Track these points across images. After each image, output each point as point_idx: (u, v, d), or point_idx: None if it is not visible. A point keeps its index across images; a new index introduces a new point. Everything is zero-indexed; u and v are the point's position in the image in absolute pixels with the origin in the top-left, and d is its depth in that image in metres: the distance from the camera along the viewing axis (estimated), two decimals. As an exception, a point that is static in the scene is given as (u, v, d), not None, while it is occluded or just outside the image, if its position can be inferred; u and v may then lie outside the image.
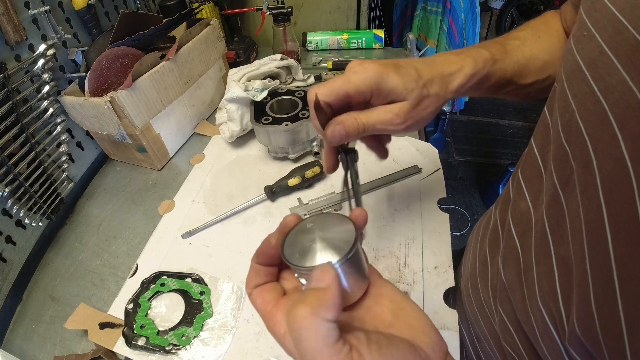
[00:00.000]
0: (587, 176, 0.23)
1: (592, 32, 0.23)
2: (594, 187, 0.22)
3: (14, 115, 0.51)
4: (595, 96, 0.22)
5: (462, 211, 1.80)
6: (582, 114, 0.24)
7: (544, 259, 0.29)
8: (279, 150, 0.68)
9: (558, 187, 0.27)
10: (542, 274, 0.29)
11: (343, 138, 0.33)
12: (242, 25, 1.01)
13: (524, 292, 0.32)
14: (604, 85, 0.22)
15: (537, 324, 0.31)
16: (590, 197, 0.23)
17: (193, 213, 0.62)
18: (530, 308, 0.31)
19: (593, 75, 0.23)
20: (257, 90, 0.67)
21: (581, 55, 0.24)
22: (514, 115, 2.36)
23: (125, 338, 0.46)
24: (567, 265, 0.26)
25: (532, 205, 0.33)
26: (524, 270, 0.32)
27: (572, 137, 0.25)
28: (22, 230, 0.57)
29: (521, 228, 0.34)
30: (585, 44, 0.24)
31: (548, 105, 0.31)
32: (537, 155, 0.32)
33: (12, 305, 0.53)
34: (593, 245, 0.23)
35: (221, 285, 0.51)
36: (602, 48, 0.22)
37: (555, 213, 0.28)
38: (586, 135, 0.23)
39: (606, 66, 0.21)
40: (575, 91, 0.25)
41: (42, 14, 0.57)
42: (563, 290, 0.27)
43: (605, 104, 0.21)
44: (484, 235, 0.44)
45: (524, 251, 0.33)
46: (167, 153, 0.73)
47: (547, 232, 0.29)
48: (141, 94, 0.62)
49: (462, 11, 1.34)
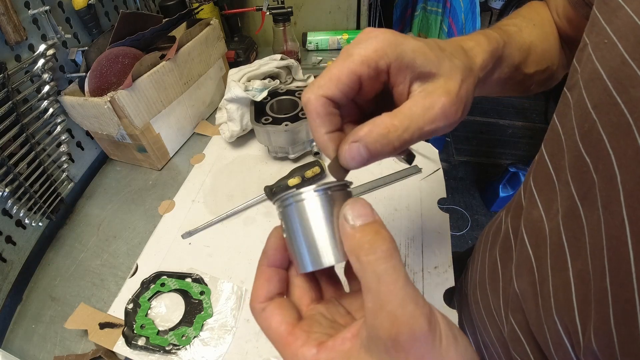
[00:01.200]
0: (611, 191, 0.22)
1: (613, 40, 0.22)
2: (617, 202, 0.21)
3: (14, 115, 0.51)
4: (619, 108, 0.21)
5: (462, 211, 1.80)
6: (605, 127, 0.23)
7: (559, 272, 0.28)
8: (279, 150, 0.68)
9: (577, 199, 0.26)
10: (558, 286, 0.28)
11: (366, 161, 0.22)
12: (242, 25, 1.01)
13: (539, 303, 0.31)
14: (628, 98, 0.21)
15: (551, 336, 0.30)
16: (613, 213, 0.22)
17: (193, 213, 0.62)
18: (545, 320, 0.30)
19: (616, 87, 0.22)
20: (257, 90, 0.67)
21: (601, 63, 0.23)
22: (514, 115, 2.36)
23: (125, 338, 0.46)
24: (584, 279, 0.25)
25: (545, 214, 0.31)
26: (539, 282, 0.31)
27: (593, 149, 0.24)
28: (22, 230, 0.57)
29: (534, 238, 0.33)
30: (606, 51, 0.23)
31: (559, 112, 0.30)
32: (548, 164, 0.31)
33: (12, 305, 0.53)
34: (614, 263, 0.22)
35: (221, 285, 0.51)
36: (624, 57, 0.21)
37: (573, 225, 0.26)
38: (610, 148, 0.22)
39: (629, 77, 0.20)
40: (595, 101, 0.24)
41: (42, 14, 0.57)
42: (579, 304, 0.26)
43: (630, 118, 0.20)
44: (494, 243, 0.43)
45: (539, 262, 0.32)
46: (167, 153, 0.73)
47: (564, 244, 0.27)
48: (141, 94, 0.62)
49: (462, 11, 1.33)
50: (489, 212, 1.78)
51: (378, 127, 0.21)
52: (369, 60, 0.21)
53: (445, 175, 0.62)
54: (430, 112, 0.21)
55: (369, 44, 0.22)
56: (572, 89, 0.28)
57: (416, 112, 0.21)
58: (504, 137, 2.23)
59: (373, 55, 0.21)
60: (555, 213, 0.29)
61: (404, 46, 0.22)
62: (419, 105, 0.22)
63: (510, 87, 0.36)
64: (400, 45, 0.22)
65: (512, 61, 0.32)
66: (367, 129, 0.21)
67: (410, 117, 0.21)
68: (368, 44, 0.22)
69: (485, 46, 0.28)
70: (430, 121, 0.22)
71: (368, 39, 0.22)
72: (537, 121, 2.28)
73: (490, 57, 0.28)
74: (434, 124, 0.22)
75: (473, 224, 1.74)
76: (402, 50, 0.22)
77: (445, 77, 0.23)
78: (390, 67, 0.22)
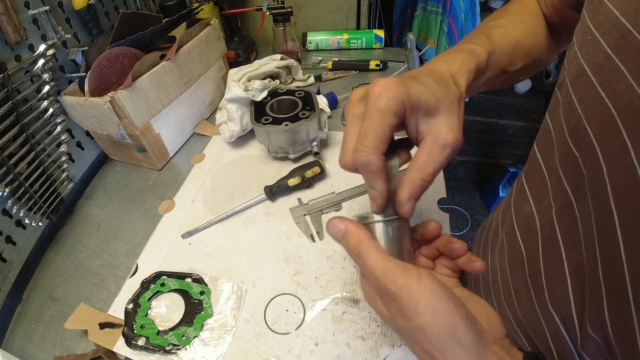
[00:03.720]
0: (597, 182, 0.23)
1: (596, 37, 0.23)
2: (605, 193, 0.22)
3: (14, 115, 0.51)
4: (603, 102, 0.22)
5: (462, 211, 1.80)
6: (590, 120, 0.23)
7: (554, 265, 0.29)
8: (279, 150, 0.68)
9: (570, 193, 0.27)
10: (553, 280, 0.29)
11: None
12: (242, 25, 1.01)
13: (532, 297, 0.31)
14: (612, 92, 0.21)
15: (548, 329, 0.30)
16: (602, 204, 0.22)
17: (193, 213, 0.62)
18: (541, 313, 0.31)
19: (600, 81, 0.22)
20: (257, 90, 0.67)
21: (586, 59, 0.24)
22: (514, 115, 2.36)
23: (125, 338, 0.46)
24: (579, 271, 0.26)
25: (536, 209, 0.32)
26: (530, 275, 0.32)
27: (580, 142, 0.25)
28: (22, 230, 0.57)
29: (525, 232, 0.33)
30: (590, 48, 0.23)
31: (550, 109, 0.31)
32: (539, 160, 0.32)
33: (12, 305, 0.53)
34: (606, 254, 0.23)
35: (221, 285, 0.51)
36: (607, 53, 0.21)
37: (567, 219, 0.27)
38: (595, 141, 0.23)
39: (613, 72, 0.21)
40: (581, 96, 0.24)
41: (42, 14, 0.57)
42: (576, 296, 0.27)
43: (614, 111, 0.21)
44: (487, 241, 0.44)
45: (529, 256, 0.32)
46: (167, 153, 0.73)
47: (559, 238, 0.28)
48: (141, 94, 0.62)
49: (462, 11, 1.33)
50: (489, 212, 1.78)
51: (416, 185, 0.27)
52: (396, 112, 0.26)
53: (445, 175, 0.62)
54: (445, 152, 0.27)
55: (389, 98, 0.26)
56: (561, 87, 0.29)
57: (435, 158, 0.27)
58: (504, 137, 2.23)
59: (397, 107, 0.26)
60: (546, 208, 0.30)
61: (411, 93, 0.26)
62: (434, 149, 0.27)
63: (496, 85, 0.38)
64: (410, 93, 0.26)
65: (496, 66, 0.35)
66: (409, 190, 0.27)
67: (432, 163, 0.27)
68: (389, 98, 0.26)
69: (470, 65, 0.32)
70: (447, 158, 0.27)
71: (386, 94, 0.26)
72: (537, 121, 2.28)
73: (474, 75, 0.32)
74: (448, 158, 0.27)
75: (473, 224, 1.74)
76: (411, 97, 0.26)
77: (444, 113, 0.27)
78: (406, 111, 0.27)
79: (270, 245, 0.56)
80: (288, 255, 0.54)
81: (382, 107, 0.26)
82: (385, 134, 0.26)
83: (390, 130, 0.26)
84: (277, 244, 0.56)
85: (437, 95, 0.27)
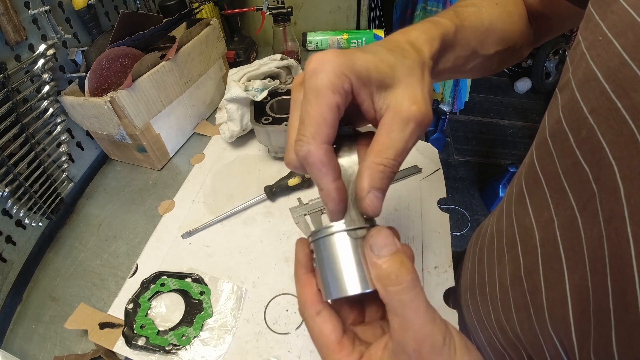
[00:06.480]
0: (614, 205, 0.21)
1: (609, 38, 0.20)
2: (621, 218, 0.20)
3: (14, 115, 0.51)
4: (619, 114, 0.20)
5: (462, 211, 1.80)
6: (606, 134, 0.21)
7: (554, 284, 0.27)
8: (279, 150, 0.68)
9: (576, 210, 0.24)
10: (553, 299, 0.27)
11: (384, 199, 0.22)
12: (242, 25, 1.01)
13: (531, 313, 0.30)
14: (630, 104, 0.19)
15: (547, 349, 0.29)
16: (617, 230, 0.20)
17: (193, 213, 0.62)
18: (540, 332, 0.29)
19: (615, 90, 0.20)
20: (257, 90, 0.67)
21: (597, 62, 0.22)
22: (514, 115, 2.36)
23: (125, 338, 0.46)
24: (582, 294, 0.24)
25: (535, 221, 0.30)
26: (529, 291, 0.30)
27: (593, 157, 0.22)
28: (22, 230, 0.57)
29: (524, 245, 0.32)
30: (601, 50, 0.21)
31: (549, 113, 0.29)
32: (537, 167, 0.30)
33: (12, 305, 0.53)
34: (618, 284, 0.21)
35: (221, 285, 0.51)
36: (622, 57, 0.19)
37: (571, 237, 0.25)
38: (612, 158, 0.20)
39: (630, 79, 0.19)
40: (592, 105, 0.22)
41: (42, 14, 0.57)
42: (577, 320, 0.25)
43: (634, 126, 0.19)
44: (482, 247, 0.42)
45: (528, 271, 0.30)
46: (167, 153, 0.73)
47: (562, 256, 0.26)
48: (141, 94, 0.62)
49: (462, 11, 1.33)
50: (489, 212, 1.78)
51: (375, 171, 0.21)
52: (337, 87, 0.21)
53: (445, 175, 0.62)
54: (408, 128, 0.21)
55: (327, 71, 0.21)
56: (563, 90, 0.26)
57: (396, 137, 0.21)
58: (504, 137, 2.23)
59: (337, 81, 0.21)
60: (546, 222, 0.28)
61: (356, 64, 0.21)
62: (394, 127, 0.21)
63: (470, 70, 0.35)
64: (354, 64, 0.21)
65: (467, 46, 0.31)
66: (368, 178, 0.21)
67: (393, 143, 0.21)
68: (326, 72, 0.21)
69: (433, 33, 0.27)
70: (411, 135, 0.21)
71: (322, 68, 0.21)
72: (537, 121, 2.28)
73: (439, 43, 0.27)
74: (414, 135, 0.22)
75: (473, 224, 1.74)
76: (356, 69, 0.21)
77: (403, 83, 0.22)
78: (352, 88, 0.22)
79: (270, 245, 0.56)
80: (288, 255, 0.54)
81: (318, 85, 0.21)
82: (325, 117, 0.20)
83: (332, 111, 0.21)
84: (277, 244, 0.56)
85: (390, 62, 0.22)
